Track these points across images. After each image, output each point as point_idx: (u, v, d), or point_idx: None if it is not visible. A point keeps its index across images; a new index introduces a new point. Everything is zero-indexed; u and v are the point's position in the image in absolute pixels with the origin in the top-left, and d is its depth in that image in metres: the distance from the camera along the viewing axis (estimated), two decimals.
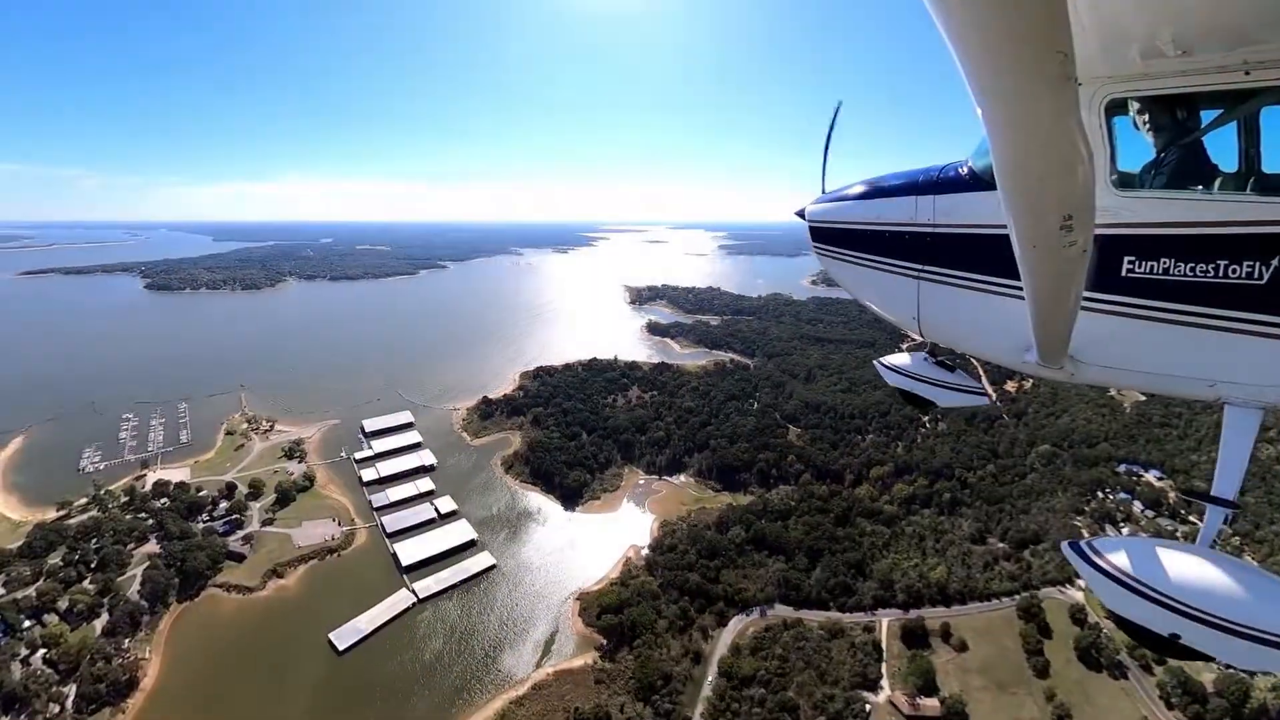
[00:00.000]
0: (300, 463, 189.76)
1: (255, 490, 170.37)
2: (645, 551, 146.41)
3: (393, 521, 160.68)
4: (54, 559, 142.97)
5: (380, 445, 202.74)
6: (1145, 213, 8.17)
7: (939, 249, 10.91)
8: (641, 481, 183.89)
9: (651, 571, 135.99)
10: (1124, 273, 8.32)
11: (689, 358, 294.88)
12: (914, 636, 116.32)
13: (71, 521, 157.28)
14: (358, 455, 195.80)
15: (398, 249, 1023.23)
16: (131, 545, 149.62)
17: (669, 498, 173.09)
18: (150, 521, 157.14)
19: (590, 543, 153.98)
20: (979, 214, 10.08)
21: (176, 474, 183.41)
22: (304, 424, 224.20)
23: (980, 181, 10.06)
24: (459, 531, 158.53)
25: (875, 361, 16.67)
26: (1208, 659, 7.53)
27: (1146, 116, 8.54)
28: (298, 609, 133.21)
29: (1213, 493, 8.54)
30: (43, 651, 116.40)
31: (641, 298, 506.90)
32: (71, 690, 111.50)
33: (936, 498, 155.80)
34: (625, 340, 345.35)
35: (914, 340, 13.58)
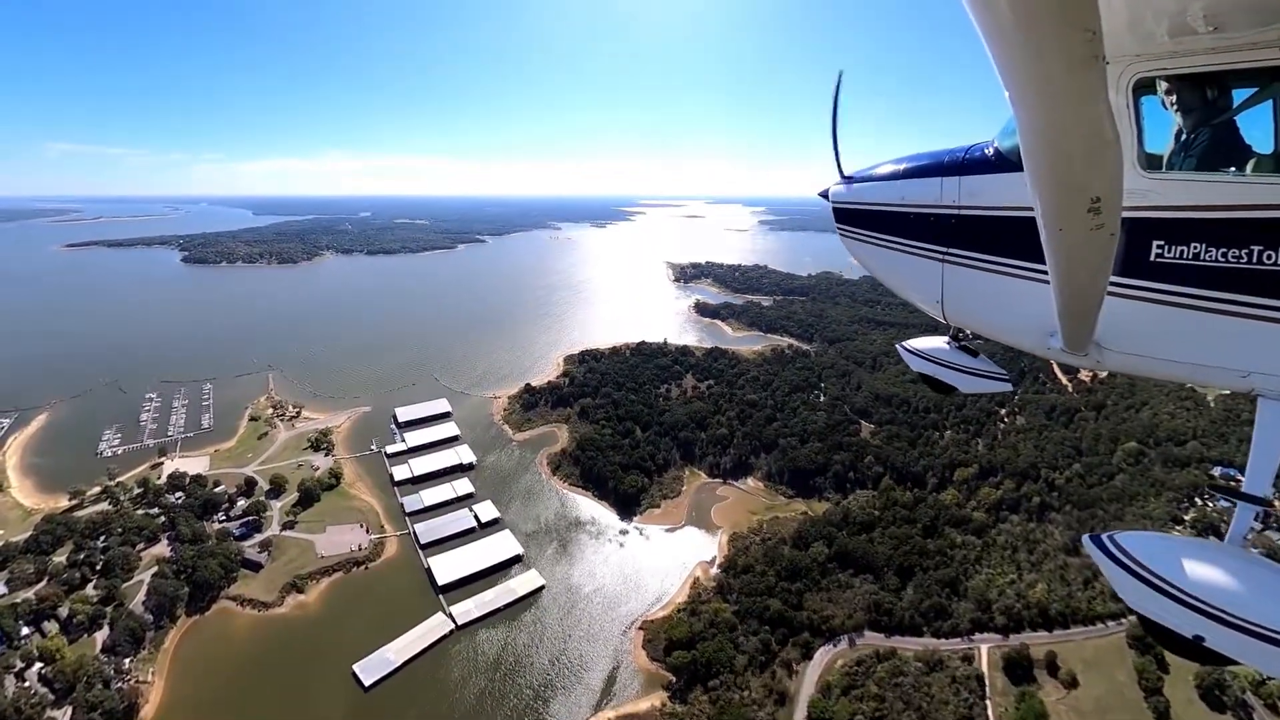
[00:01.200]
0: (327, 455, 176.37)
1: (277, 487, 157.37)
2: (715, 571, 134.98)
3: (427, 530, 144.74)
4: (60, 556, 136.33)
5: (414, 438, 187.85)
6: (1175, 195, 8.05)
7: (964, 231, 10.90)
8: (705, 486, 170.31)
9: (725, 596, 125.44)
10: (1153, 257, 8.18)
11: (743, 342, 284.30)
12: (1018, 668, 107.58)
13: (81, 514, 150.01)
14: (389, 449, 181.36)
15: (436, 223, 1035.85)
16: (140, 546, 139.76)
17: (737, 506, 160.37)
18: (162, 519, 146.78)
19: (652, 559, 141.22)
20: (1005, 196, 10.04)
21: (194, 463, 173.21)
22: (332, 411, 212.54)
23: (1006, 162, 10.06)
24: (502, 545, 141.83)
25: (898, 345, 16.55)
26: (1232, 663, 7.58)
27: (1176, 96, 8.37)
28: (318, 632, 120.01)
29: (1244, 489, 8.57)
30: (39, 666, 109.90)
31: (686, 275, 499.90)
32: (66, 715, 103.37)
33: (1025, 502, 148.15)
34: (673, 322, 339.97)
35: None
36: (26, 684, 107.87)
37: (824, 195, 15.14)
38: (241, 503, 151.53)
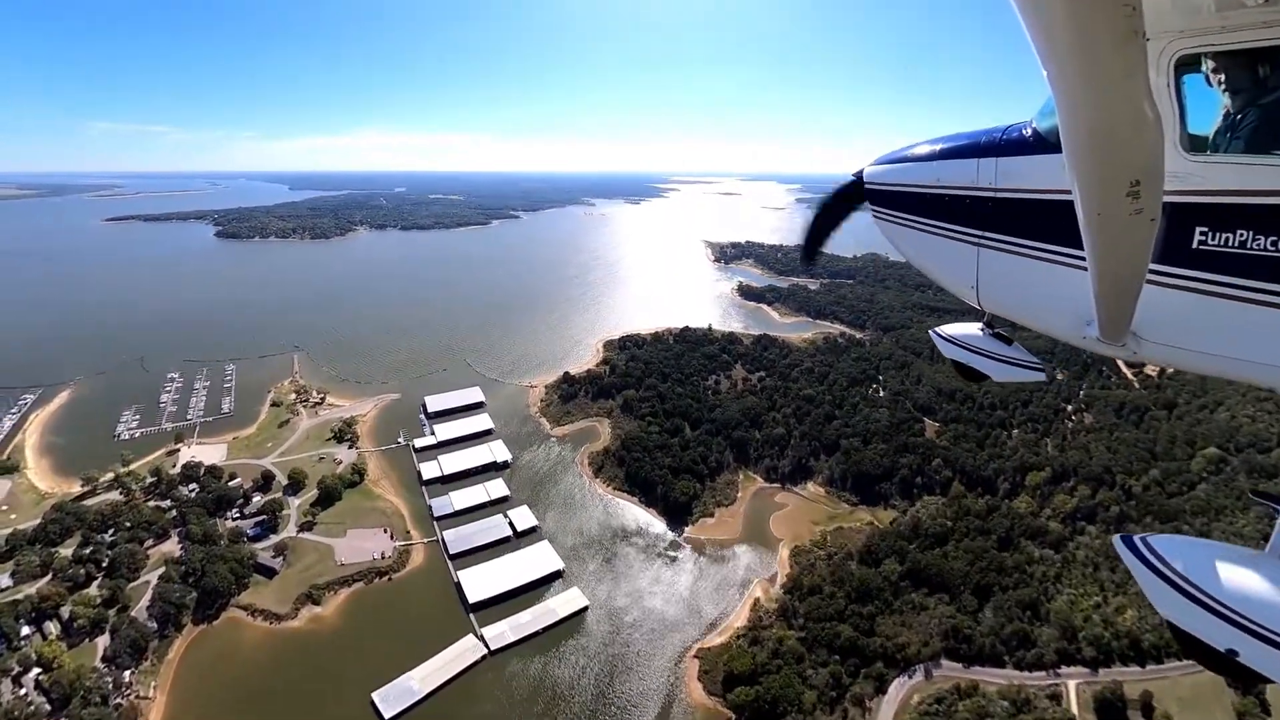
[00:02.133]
0: (351, 448, 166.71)
1: (296, 482, 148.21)
2: (777, 591, 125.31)
3: (457, 538, 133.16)
4: (66, 549, 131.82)
5: (445, 431, 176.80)
6: (1220, 179, 7.75)
7: (1000, 215, 10.78)
8: (761, 491, 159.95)
9: (788, 620, 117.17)
10: (1195, 245, 7.91)
11: (792, 329, 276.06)
12: (1111, 710, 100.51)
13: (91, 502, 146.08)
14: (417, 443, 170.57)
15: (470, 198, 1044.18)
16: (149, 543, 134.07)
17: (797, 515, 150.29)
18: (173, 513, 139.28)
19: (706, 577, 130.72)
20: (1043, 178, 9.80)
21: (211, 451, 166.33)
22: (359, 398, 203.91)
23: (1045, 143, 9.78)
24: (540, 558, 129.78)
25: (931, 331, 16.69)
26: (1267, 681, 7.56)
27: (1222, 74, 8.00)
28: (334, 652, 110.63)
29: None
30: (36, 672, 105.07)
31: (726, 255, 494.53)
32: None
33: (1101, 511, 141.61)
34: (716, 305, 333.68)
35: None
36: (23, 691, 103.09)
37: (857, 176, 14.98)
38: (257, 499, 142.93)
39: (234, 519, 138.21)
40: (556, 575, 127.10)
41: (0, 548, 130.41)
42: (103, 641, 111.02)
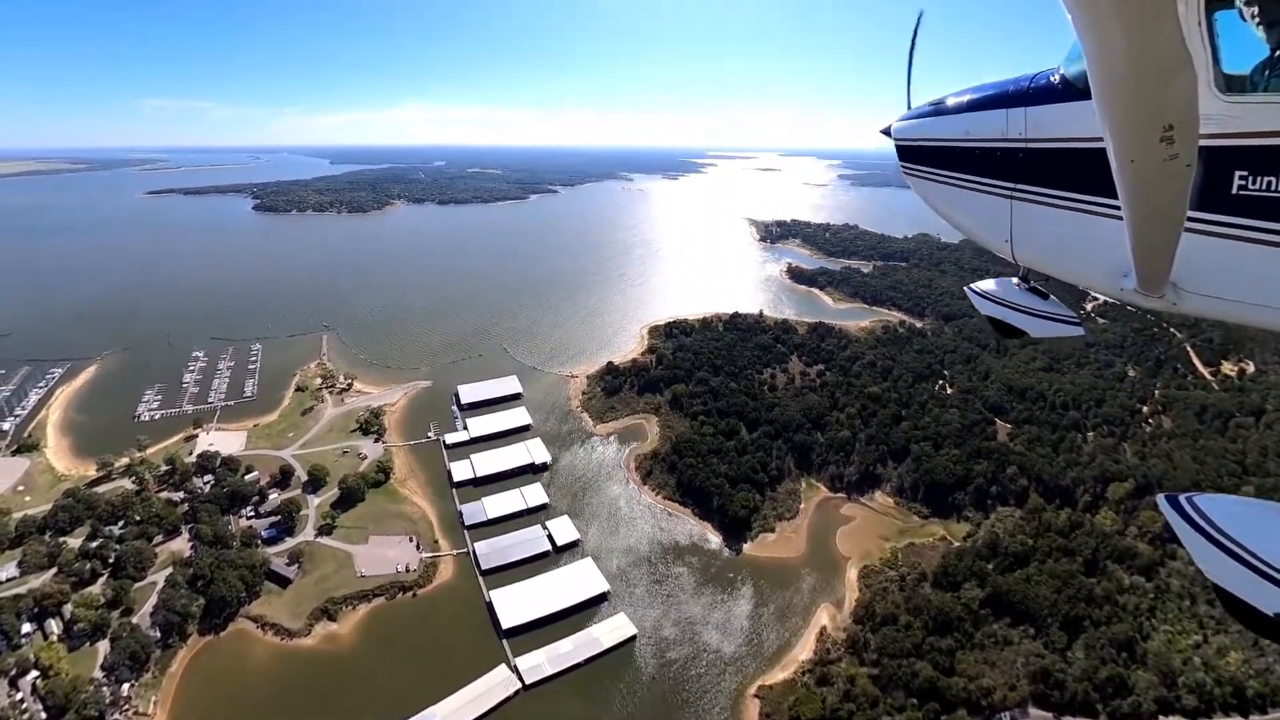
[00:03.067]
0: (377, 441, 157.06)
1: (316, 478, 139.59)
2: (845, 618, 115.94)
3: (490, 551, 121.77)
4: (75, 540, 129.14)
5: (478, 425, 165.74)
6: (1259, 120, 7.52)
7: (1032, 165, 10.75)
8: (826, 503, 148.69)
9: (859, 654, 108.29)
10: (1234, 190, 7.75)
11: (847, 316, 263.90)
12: None
13: (104, 489, 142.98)
14: (449, 438, 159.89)
15: (508, 172, 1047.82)
16: (158, 540, 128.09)
17: (865, 529, 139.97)
18: (185, 507, 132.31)
19: (767, 601, 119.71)
20: (1074, 126, 9.73)
21: (229, 439, 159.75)
22: (388, 385, 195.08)
23: (1074, 90, 9.69)
24: (583, 577, 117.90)
25: (966, 287, 16.51)
26: None
27: (1257, 8, 7.92)
28: (350, 676, 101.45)
29: None
30: (34, 675, 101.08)
31: (772, 235, 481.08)
32: None
33: None
34: (765, 289, 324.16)
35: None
36: (20, 696, 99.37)
37: (886, 132, 15.15)
38: (274, 496, 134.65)
39: (248, 517, 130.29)
40: (601, 598, 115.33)
41: (10, 534, 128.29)
42: (103, 647, 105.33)
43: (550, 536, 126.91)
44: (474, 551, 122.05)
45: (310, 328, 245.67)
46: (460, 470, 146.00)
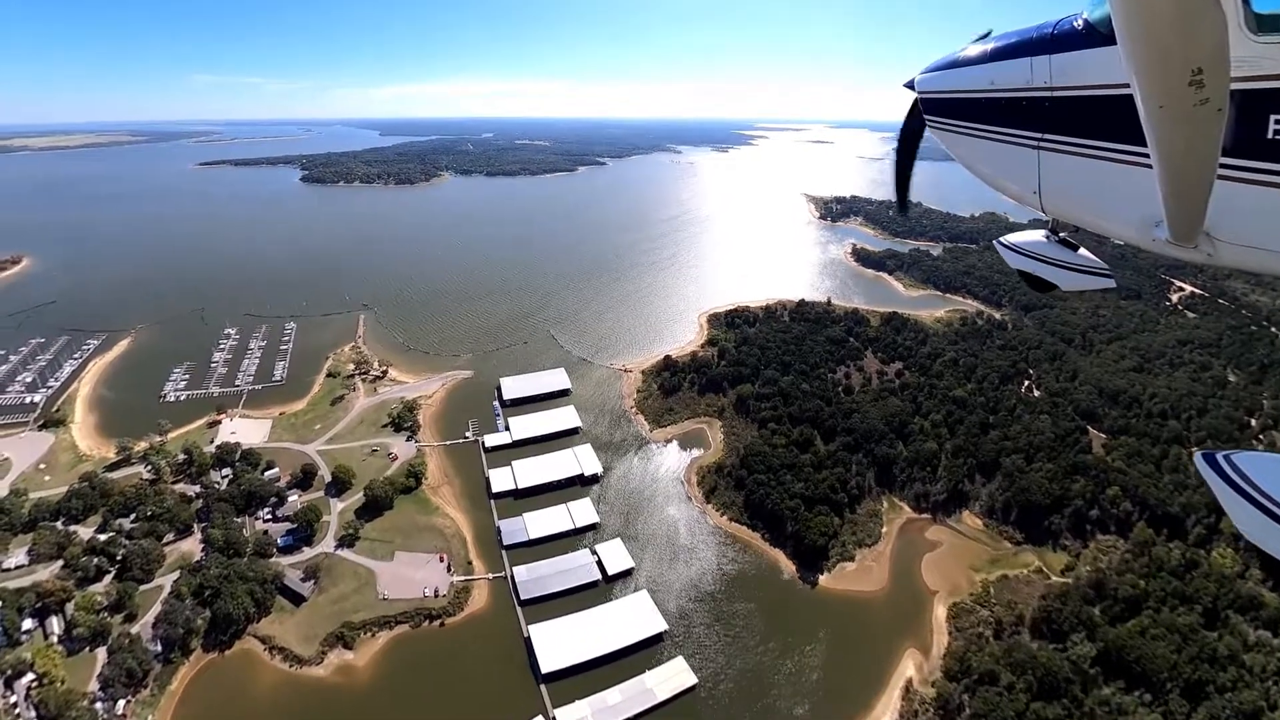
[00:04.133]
0: (409, 439, 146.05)
1: (341, 480, 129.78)
2: (935, 670, 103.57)
3: (530, 578, 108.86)
4: (86, 529, 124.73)
5: (521, 427, 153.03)
6: None
7: (1058, 114, 10.56)
8: (910, 525, 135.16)
9: (952, 717, 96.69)
10: (1270, 134, 7.54)
11: (920, 304, 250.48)
12: None
13: (119, 475, 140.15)
14: (489, 440, 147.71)
15: (557, 144, 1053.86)
16: (168, 538, 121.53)
17: (951, 556, 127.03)
18: (199, 504, 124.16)
19: (845, 645, 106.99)
20: (1099, 72, 9.51)
21: (252, 429, 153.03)
22: (425, 374, 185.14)
23: (1098, 35, 9.55)
24: (636, 613, 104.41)
25: (995, 241, 16.55)
26: None
27: None
28: (363, 717, 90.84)
29: None
30: (30, 679, 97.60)
31: (831, 212, 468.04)
32: None
33: None
34: (831, 273, 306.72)
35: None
36: (14, 699, 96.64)
37: (909, 86, 15.07)
38: (294, 498, 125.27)
39: (265, 520, 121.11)
40: (656, 639, 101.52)
41: (25, 518, 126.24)
42: (101, 655, 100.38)
43: (601, 564, 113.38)
44: (512, 577, 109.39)
45: (347, 307, 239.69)
46: (500, 479, 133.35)
